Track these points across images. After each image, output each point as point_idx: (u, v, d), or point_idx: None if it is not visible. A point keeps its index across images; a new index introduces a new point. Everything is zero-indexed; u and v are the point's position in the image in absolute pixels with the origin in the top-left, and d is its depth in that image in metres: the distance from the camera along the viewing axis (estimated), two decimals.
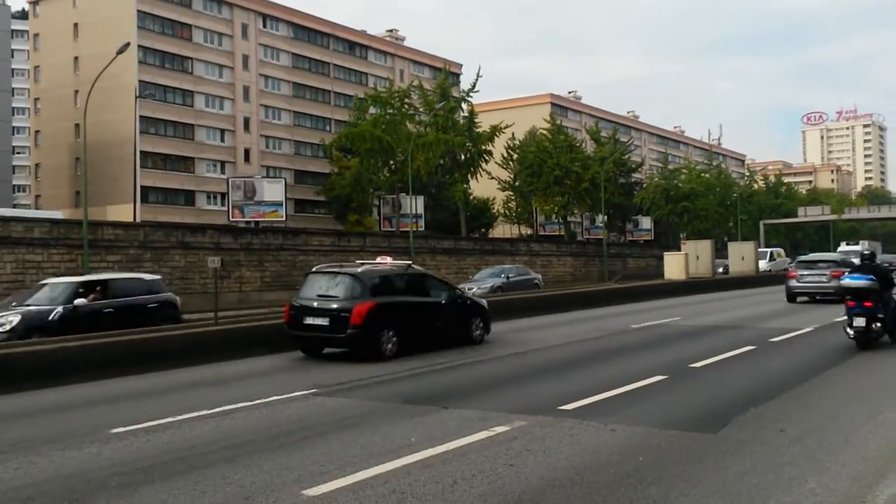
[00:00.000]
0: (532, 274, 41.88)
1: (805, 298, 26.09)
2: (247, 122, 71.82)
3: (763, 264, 52.93)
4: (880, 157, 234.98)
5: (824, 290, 25.23)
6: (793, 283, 26.55)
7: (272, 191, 57.48)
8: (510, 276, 38.51)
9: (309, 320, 14.14)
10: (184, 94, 67.41)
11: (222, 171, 68.88)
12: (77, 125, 56.70)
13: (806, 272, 26.49)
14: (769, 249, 59.93)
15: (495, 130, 64.04)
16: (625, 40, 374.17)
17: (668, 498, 5.91)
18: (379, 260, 16.39)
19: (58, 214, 41.78)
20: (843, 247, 66.84)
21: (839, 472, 6.51)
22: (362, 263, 15.91)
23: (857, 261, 16.13)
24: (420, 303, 15.30)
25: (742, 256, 50.50)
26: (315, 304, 14.23)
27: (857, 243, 72.60)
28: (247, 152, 71.70)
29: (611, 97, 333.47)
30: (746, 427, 8.18)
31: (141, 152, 58.31)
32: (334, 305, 13.98)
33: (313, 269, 15.96)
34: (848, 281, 14.03)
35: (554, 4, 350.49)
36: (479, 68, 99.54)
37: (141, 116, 59.32)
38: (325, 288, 14.75)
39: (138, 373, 12.91)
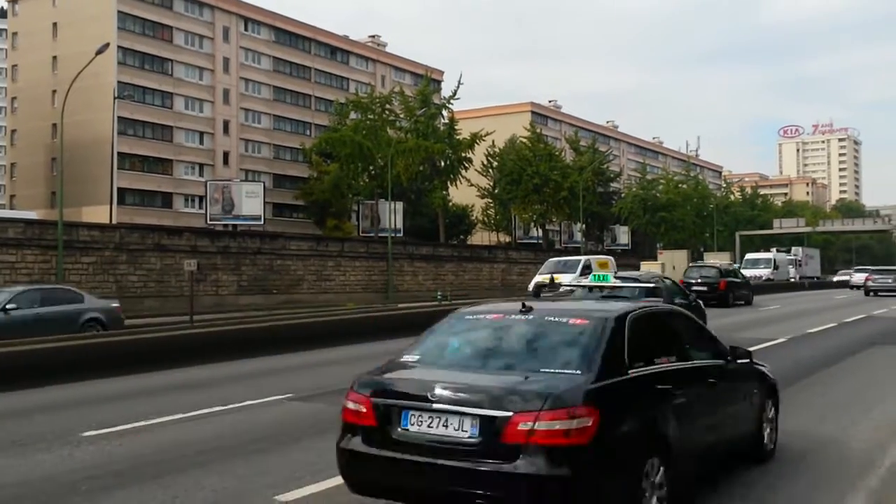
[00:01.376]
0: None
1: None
2: (226, 125, 71.52)
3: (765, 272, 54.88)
4: (855, 171, 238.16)
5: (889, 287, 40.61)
6: (870, 283, 42.09)
7: (250, 205, 56.85)
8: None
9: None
10: (163, 96, 67.05)
11: (200, 174, 68.53)
12: (54, 125, 56.19)
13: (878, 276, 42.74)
14: (772, 256, 61.52)
15: (475, 138, 64.20)
16: (606, 51, 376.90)
17: None
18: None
19: (32, 215, 41.35)
20: (750, 255, 64.56)
21: (813, 483, 6.58)
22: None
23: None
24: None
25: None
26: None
27: (787, 250, 71.38)
28: (226, 155, 71.39)
29: (591, 107, 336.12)
30: None
31: (118, 153, 57.89)
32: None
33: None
34: None
35: (536, 14, 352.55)
36: (461, 76, 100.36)
37: (119, 117, 58.90)
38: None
39: (112, 375, 12.78)
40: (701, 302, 19.17)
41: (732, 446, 6.67)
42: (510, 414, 4.67)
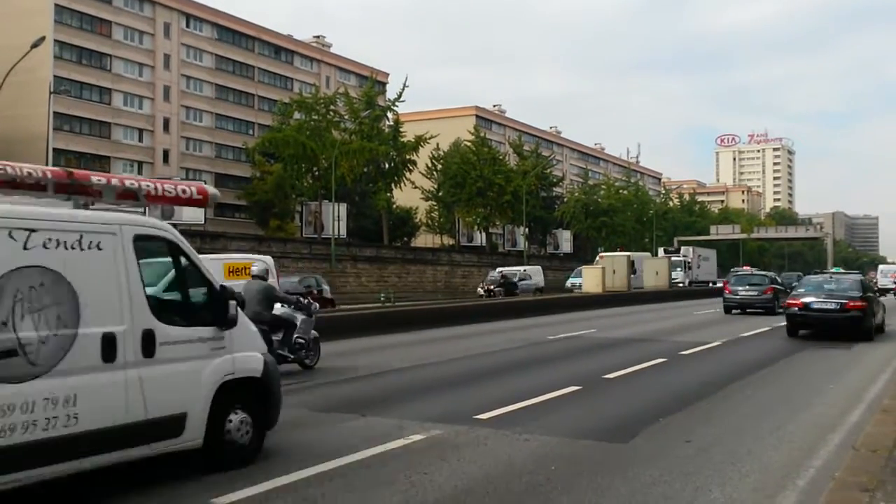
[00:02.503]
0: None
1: None
2: (166, 122, 70.27)
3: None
4: (788, 179, 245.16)
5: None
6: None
7: (191, 210, 55.36)
8: None
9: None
10: (101, 92, 65.59)
11: (140, 172, 67.14)
12: None
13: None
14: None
15: (420, 140, 64.26)
16: (549, 57, 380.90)
17: None
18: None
19: None
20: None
21: (742, 483, 6.71)
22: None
23: None
24: None
25: (656, 272, 51.76)
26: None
27: (675, 250, 65.95)
28: (166, 153, 70.15)
29: (534, 112, 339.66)
30: (655, 438, 8.38)
31: (54, 150, 56.35)
32: None
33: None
34: None
35: (482, 20, 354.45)
36: (406, 78, 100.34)
37: (55, 113, 57.41)
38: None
39: None
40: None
41: None
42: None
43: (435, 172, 76.09)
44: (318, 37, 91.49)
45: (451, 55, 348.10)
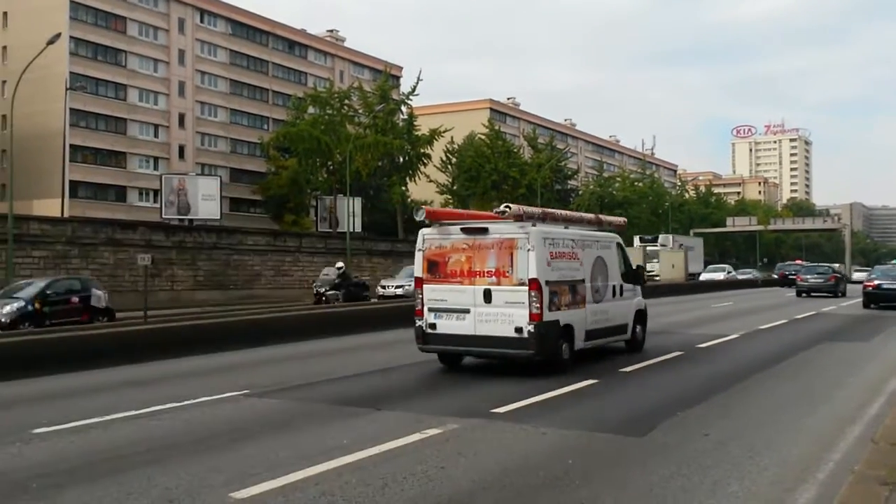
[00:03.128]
0: None
1: None
2: (182, 118, 70.48)
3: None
4: (805, 170, 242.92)
5: None
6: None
7: (207, 207, 55.66)
8: None
9: None
10: (116, 88, 65.83)
11: (155, 168, 67.47)
12: (4, 116, 54.76)
13: None
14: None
15: (434, 134, 64.13)
16: (564, 50, 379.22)
17: (596, 500, 6.00)
18: None
19: None
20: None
21: (760, 476, 6.69)
22: None
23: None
24: None
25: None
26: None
27: (652, 239, 61.10)
28: (181, 149, 70.37)
29: (549, 105, 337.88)
30: (673, 431, 8.36)
31: (70, 146, 56.67)
32: None
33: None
34: None
35: (495, 12, 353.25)
36: (420, 71, 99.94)
37: (71, 109, 57.67)
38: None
39: (63, 371, 12.54)
40: None
41: None
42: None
43: (449, 166, 75.93)
44: (331, 31, 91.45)
45: (465, 48, 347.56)
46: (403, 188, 65.92)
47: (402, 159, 64.87)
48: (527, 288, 11.46)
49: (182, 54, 70.67)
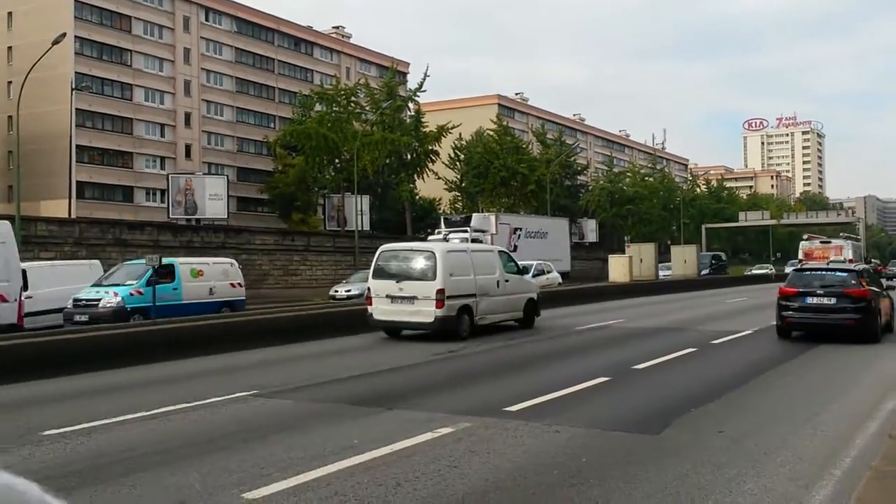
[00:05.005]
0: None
1: None
2: (188, 117, 70.57)
3: None
4: (818, 163, 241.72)
5: None
6: None
7: (214, 207, 55.77)
8: None
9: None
10: (122, 87, 65.93)
11: (162, 167, 67.58)
12: (10, 117, 54.92)
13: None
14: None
15: (442, 130, 64.07)
16: (573, 44, 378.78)
17: (610, 499, 5.93)
18: None
19: None
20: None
21: (776, 473, 6.61)
22: None
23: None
24: None
25: (684, 260, 51.29)
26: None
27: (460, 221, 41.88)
28: (188, 148, 70.46)
29: (558, 100, 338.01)
30: (687, 428, 8.28)
31: (77, 146, 56.84)
32: None
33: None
34: None
35: (502, 6, 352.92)
36: (427, 67, 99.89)
37: (77, 109, 57.85)
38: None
39: (74, 373, 12.51)
40: None
41: None
42: None
43: (458, 163, 75.87)
44: (337, 28, 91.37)
45: (472, 43, 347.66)
46: (411, 185, 65.91)
47: (409, 156, 64.85)
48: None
49: (187, 53, 70.73)
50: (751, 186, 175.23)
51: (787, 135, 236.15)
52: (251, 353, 15.21)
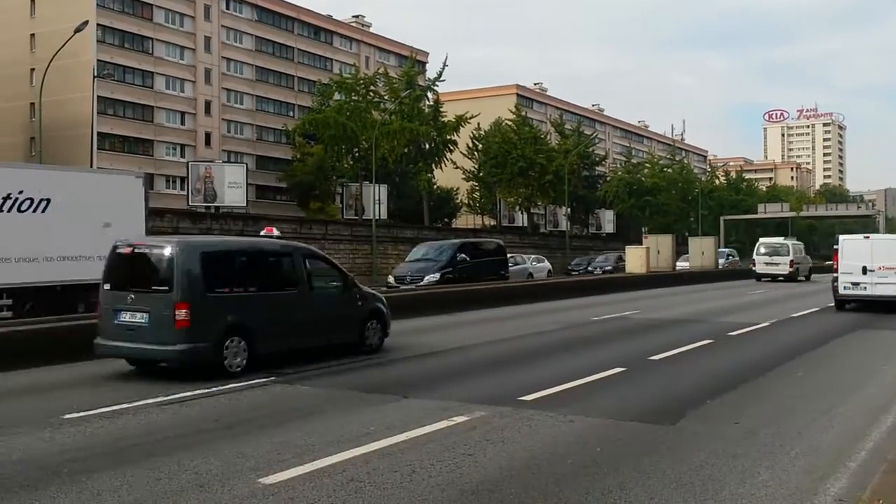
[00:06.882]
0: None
1: None
2: (208, 105, 70.85)
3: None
4: (839, 155, 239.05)
5: None
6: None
7: (233, 195, 55.91)
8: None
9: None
10: (143, 75, 66.26)
11: (182, 155, 67.95)
12: (32, 104, 55.34)
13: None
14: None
15: (460, 120, 63.97)
16: (592, 34, 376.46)
17: (625, 488, 5.96)
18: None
19: None
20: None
21: (791, 465, 6.61)
22: None
23: None
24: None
25: (702, 251, 51.06)
26: None
27: None
28: (208, 136, 70.78)
29: (576, 90, 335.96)
30: (702, 419, 8.29)
31: (98, 134, 57.22)
32: None
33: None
34: None
35: None
36: (446, 57, 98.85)
37: (99, 97, 58.18)
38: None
39: (91, 357, 12.64)
40: None
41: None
42: None
43: (476, 152, 75.71)
44: (357, 16, 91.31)
45: (491, 33, 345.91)
46: (429, 175, 65.87)
47: (428, 146, 64.81)
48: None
49: (208, 41, 70.96)
50: (770, 178, 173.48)
51: (808, 126, 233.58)
52: None
